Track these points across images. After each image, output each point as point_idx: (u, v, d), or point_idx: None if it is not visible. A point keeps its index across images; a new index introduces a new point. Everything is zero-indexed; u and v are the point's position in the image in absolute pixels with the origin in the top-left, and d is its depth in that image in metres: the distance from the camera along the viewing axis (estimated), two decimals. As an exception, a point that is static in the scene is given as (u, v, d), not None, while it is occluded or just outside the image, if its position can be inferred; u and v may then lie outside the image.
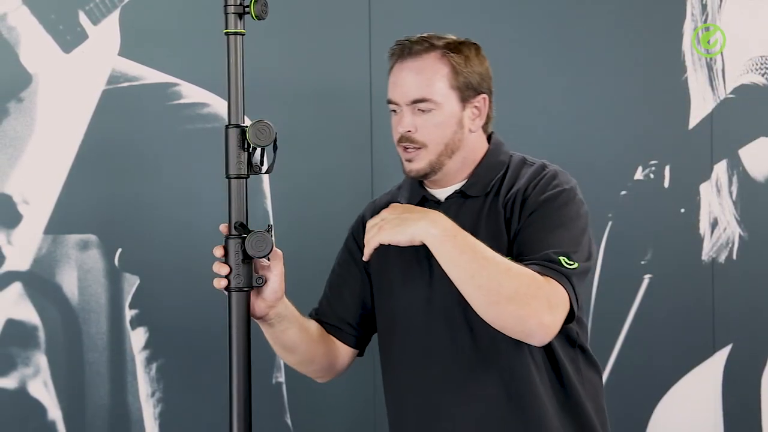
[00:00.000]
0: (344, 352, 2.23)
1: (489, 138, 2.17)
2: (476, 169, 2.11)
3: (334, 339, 2.21)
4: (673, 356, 3.48)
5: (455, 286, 1.94)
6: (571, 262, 1.95)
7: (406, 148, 2.07)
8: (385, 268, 2.16)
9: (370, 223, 1.95)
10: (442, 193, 2.13)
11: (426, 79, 2.05)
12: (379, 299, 2.19)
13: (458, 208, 2.08)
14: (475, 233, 2.00)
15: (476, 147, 2.12)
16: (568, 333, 2.06)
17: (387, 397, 2.21)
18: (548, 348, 2.04)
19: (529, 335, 1.94)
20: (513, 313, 1.89)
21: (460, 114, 2.07)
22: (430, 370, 2.09)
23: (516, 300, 1.88)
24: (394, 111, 2.09)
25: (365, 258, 1.97)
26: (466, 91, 2.07)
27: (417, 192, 2.16)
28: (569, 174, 2.11)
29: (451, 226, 1.90)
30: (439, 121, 2.05)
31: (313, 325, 2.18)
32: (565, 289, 1.93)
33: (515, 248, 2.01)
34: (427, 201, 2.14)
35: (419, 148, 2.06)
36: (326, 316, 2.22)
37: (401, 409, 2.17)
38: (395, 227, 1.90)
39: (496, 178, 2.10)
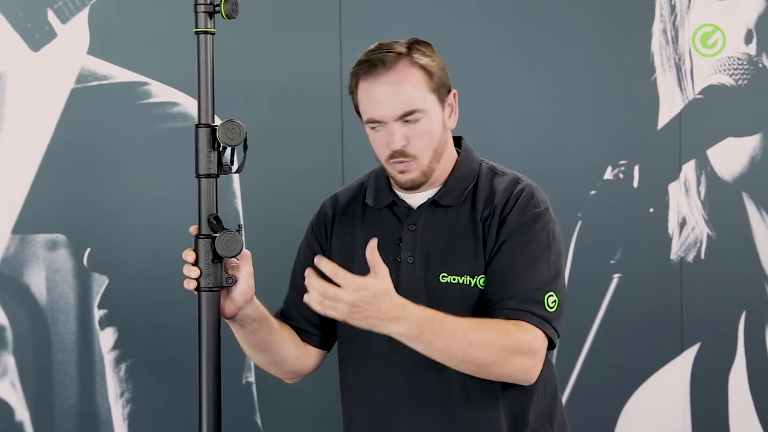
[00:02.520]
0: (312, 352, 2.21)
1: (459, 142, 2.15)
2: (449, 178, 2.09)
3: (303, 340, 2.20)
4: (642, 355, 3.49)
5: (428, 267, 2.03)
6: (554, 302, 2.00)
7: (399, 162, 2.03)
8: (350, 262, 2.12)
9: (329, 296, 1.81)
10: (413, 199, 2.10)
11: (408, 90, 1.99)
12: None
13: (426, 216, 2.07)
14: (449, 245, 2.01)
15: (450, 144, 2.11)
16: None
17: (342, 397, 2.20)
18: None
19: (518, 382, 2.01)
20: (498, 374, 1.96)
21: (441, 115, 2.05)
22: (387, 373, 2.08)
23: (497, 364, 1.93)
24: (374, 128, 2.04)
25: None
26: (441, 91, 2.05)
27: (386, 195, 2.12)
28: (540, 188, 2.12)
29: (416, 322, 1.85)
30: (427, 128, 2.02)
31: (283, 326, 2.16)
32: (545, 332, 1.98)
33: (493, 275, 2.01)
34: (396, 205, 2.11)
35: (412, 159, 2.02)
36: (291, 317, 2.19)
37: (354, 412, 2.16)
38: (357, 322, 1.84)
39: (469, 187, 2.08)
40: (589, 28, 3.41)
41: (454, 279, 2.02)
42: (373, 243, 1.83)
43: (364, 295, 1.80)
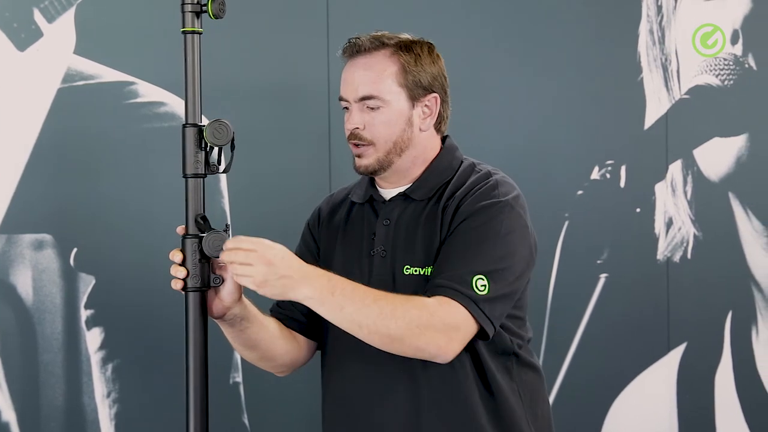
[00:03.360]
0: (304, 344, 2.22)
1: (444, 140, 2.17)
2: (423, 173, 2.11)
3: (295, 333, 2.21)
4: (629, 355, 3.50)
5: (396, 261, 2.03)
6: (483, 286, 1.95)
7: (356, 145, 2.08)
8: (330, 256, 2.18)
9: (246, 259, 1.87)
10: (388, 194, 2.14)
11: (374, 76, 2.05)
12: None
13: (400, 211, 2.10)
14: (413, 237, 2.04)
15: (428, 147, 2.12)
16: (499, 343, 2.06)
17: (323, 389, 2.22)
18: (476, 357, 2.05)
19: (432, 359, 1.97)
20: (409, 346, 1.93)
21: (409, 112, 2.07)
22: (359, 367, 2.09)
23: (408, 336, 1.91)
24: (346, 108, 2.10)
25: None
26: (416, 90, 2.07)
27: (367, 191, 2.17)
28: (514, 184, 2.10)
29: (327, 283, 1.89)
30: (386, 118, 2.06)
31: (273, 323, 2.17)
32: (468, 310, 1.94)
33: (438, 257, 2.02)
34: (374, 200, 2.15)
35: (368, 145, 2.07)
36: (285, 310, 2.21)
37: (331, 403, 2.19)
38: (275, 290, 1.87)
39: (443, 183, 2.10)
40: (575, 29, 3.41)
41: (415, 270, 2.04)
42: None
43: (277, 252, 1.87)
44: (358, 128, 2.07)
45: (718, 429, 3.62)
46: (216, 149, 1.93)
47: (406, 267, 2.05)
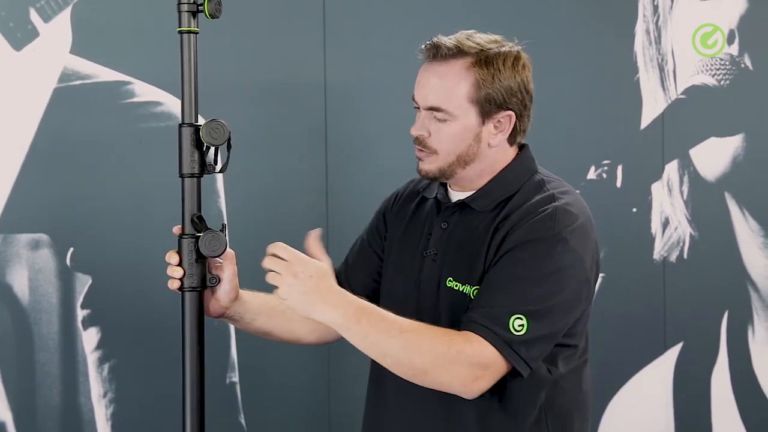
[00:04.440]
0: None
1: (521, 149, 2.09)
2: (488, 183, 2.04)
3: None
4: (625, 354, 3.51)
5: (444, 267, 1.98)
6: (521, 326, 1.87)
7: (419, 149, 2.02)
8: (391, 245, 2.15)
9: (277, 265, 1.85)
10: (454, 196, 2.08)
11: (446, 88, 1.98)
12: (383, 276, 2.17)
13: (459, 217, 2.04)
14: (462, 249, 1.98)
15: (497, 160, 2.04)
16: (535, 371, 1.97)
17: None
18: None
19: (456, 393, 1.91)
20: (433, 381, 1.88)
21: (479, 129, 1.99)
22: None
23: (433, 371, 1.86)
24: (417, 108, 2.04)
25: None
26: (488, 107, 1.98)
27: (438, 189, 2.11)
28: (580, 209, 2.01)
29: (354, 311, 1.85)
30: (453, 132, 1.98)
31: None
32: (501, 352, 1.87)
33: (481, 285, 1.95)
34: (440, 200, 2.09)
35: (431, 153, 2.01)
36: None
37: (369, 398, 2.16)
38: (296, 298, 1.83)
39: (506, 197, 2.02)
40: (572, 29, 3.41)
41: (456, 285, 1.99)
42: (315, 233, 1.88)
43: (308, 268, 1.83)
44: (423, 135, 2.01)
45: (714, 428, 3.62)
46: (212, 149, 1.93)
47: (449, 279, 1.99)
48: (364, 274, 2.20)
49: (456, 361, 1.85)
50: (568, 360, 2.03)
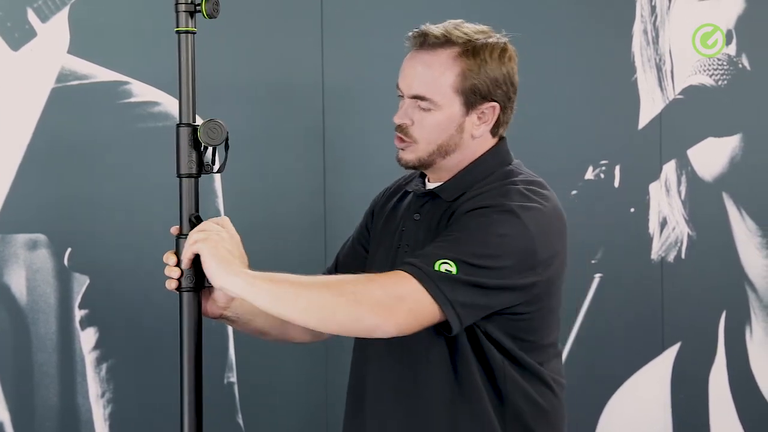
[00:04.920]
0: None
1: (499, 142, 2.08)
2: (459, 173, 2.03)
3: None
4: (623, 354, 3.51)
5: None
6: (447, 270, 1.82)
7: (399, 138, 2.02)
8: (373, 241, 2.16)
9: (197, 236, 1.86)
10: (430, 186, 2.07)
11: (432, 77, 1.97)
12: (366, 271, 2.16)
13: (429, 207, 2.04)
14: (426, 239, 1.97)
15: (477, 150, 2.04)
16: (491, 359, 1.95)
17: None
18: (481, 354, 1.95)
19: (371, 333, 1.86)
20: (346, 318, 1.82)
21: (462, 119, 1.99)
22: (370, 350, 2.07)
23: (343, 307, 1.80)
24: (400, 96, 2.03)
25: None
26: (472, 97, 1.98)
27: (417, 180, 2.11)
28: (542, 201, 1.96)
29: (263, 274, 1.83)
30: (436, 121, 1.98)
31: None
32: (421, 283, 1.81)
33: None
34: (417, 192, 2.08)
35: (411, 142, 2.00)
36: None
37: (350, 385, 2.15)
38: (214, 276, 1.84)
39: (472, 185, 2.00)
40: (569, 29, 3.41)
41: None
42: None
43: (219, 228, 1.85)
44: (406, 123, 2.00)
45: (712, 429, 3.62)
46: (210, 149, 1.92)
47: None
48: (354, 268, 2.20)
49: (367, 295, 1.81)
50: (527, 358, 1.99)
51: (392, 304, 1.81)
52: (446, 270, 1.82)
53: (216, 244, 1.84)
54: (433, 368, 1.96)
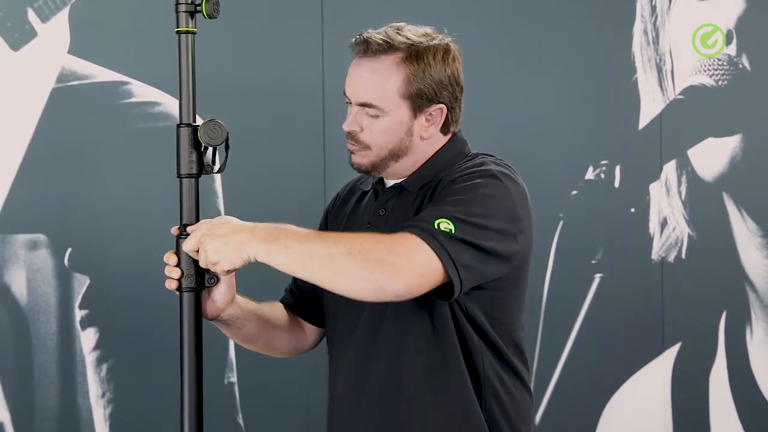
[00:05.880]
0: (311, 331, 2.21)
1: (453, 137, 2.10)
2: (420, 167, 2.04)
3: (300, 320, 2.20)
4: (623, 354, 3.51)
5: None
6: (448, 229, 1.83)
7: (351, 143, 2.04)
8: None
9: (192, 243, 1.88)
10: (389, 183, 2.09)
11: (377, 84, 1.98)
12: None
13: (395, 201, 2.05)
14: (393, 229, 1.96)
15: (429, 151, 2.06)
16: (468, 339, 1.96)
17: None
18: (460, 333, 1.96)
19: (382, 291, 1.83)
20: (354, 275, 1.82)
21: (410, 123, 2.00)
22: (349, 349, 2.06)
23: (352, 264, 1.80)
24: (349, 103, 2.05)
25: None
26: (419, 101, 1.99)
27: (372, 178, 2.12)
28: (514, 176, 1.99)
29: (273, 228, 1.87)
30: (384, 127, 1.99)
31: (276, 314, 2.17)
32: (425, 240, 1.82)
33: None
34: (377, 189, 2.10)
35: (363, 147, 2.02)
36: (293, 296, 2.21)
37: (330, 386, 2.15)
38: (227, 254, 1.85)
39: (438, 172, 2.02)
40: (570, 29, 3.42)
41: None
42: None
43: (211, 222, 1.88)
44: (355, 130, 2.02)
45: (712, 429, 3.62)
46: (210, 149, 1.92)
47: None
48: (310, 286, 2.17)
49: (374, 252, 1.80)
50: (497, 336, 1.99)
51: (399, 262, 1.81)
52: (446, 228, 1.84)
53: (209, 229, 1.86)
54: (415, 341, 1.97)
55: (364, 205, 2.13)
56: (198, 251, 1.88)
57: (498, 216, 1.90)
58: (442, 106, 2.03)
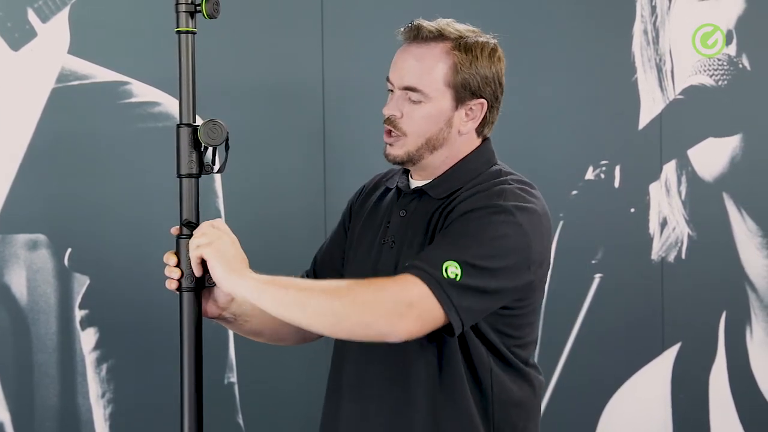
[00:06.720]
0: None
1: (483, 142, 2.10)
2: (446, 172, 2.04)
3: None
4: (623, 354, 3.51)
5: (401, 255, 1.96)
6: (455, 274, 1.84)
7: (389, 132, 2.03)
8: (353, 236, 2.16)
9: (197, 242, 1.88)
10: (414, 184, 2.09)
11: (424, 69, 1.99)
12: (345, 268, 2.17)
13: (416, 204, 2.05)
14: (419, 234, 1.99)
15: (462, 149, 2.06)
16: (474, 354, 1.97)
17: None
18: (465, 348, 1.97)
19: (383, 337, 1.87)
20: (355, 323, 1.84)
21: (451, 113, 2.01)
22: (343, 363, 2.08)
23: (353, 312, 1.83)
24: (390, 90, 2.05)
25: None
26: (463, 92, 2.00)
27: (400, 178, 2.13)
28: (533, 201, 1.98)
29: (267, 277, 1.86)
30: (426, 114, 1.99)
31: None
32: (429, 287, 1.84)
33: None
34: (401, 189, 2.10)
35: (400, 135, 2.01)
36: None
37: (330, 380, 2.15)
38: (223, 280, 1.86)
39: (461, 185, 2.02)
40: (570, 29, 3.42)
41: None
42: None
43: (220, 232, 1.87)
44: (395, 115, 2.02)
45: (712, 429, 3.62)
46: (210, 149, 1.93)
47: (405, 265, 1.97)
48: (330, 269, 2.20)
49: (377, 301, 1.83)
50: (511, 348, 2.01)
51: (402, 311, 1.83)
52: (452, 273, 1.85)
53: (221, 248, 1.86)
54: (419, 358, 1.97)
55: (386, 203, 2.13)
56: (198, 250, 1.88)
57: (508, 255, 1.91)
58: (483, 101, 2.04)
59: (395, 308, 1.83)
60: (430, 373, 1.97)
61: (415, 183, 2.08)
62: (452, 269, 1.85)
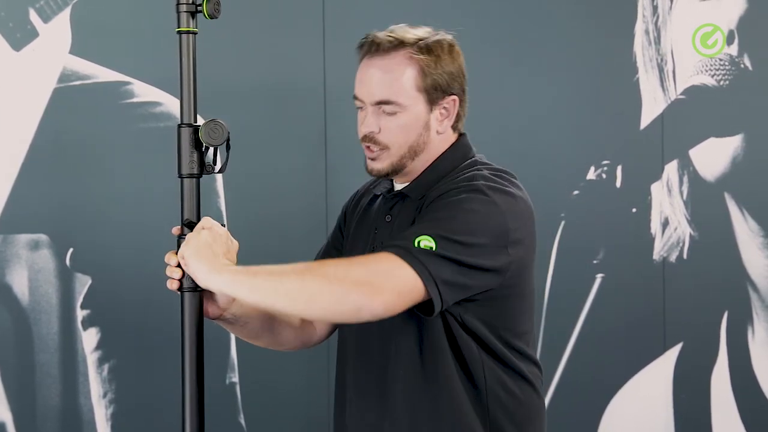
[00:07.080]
0: (318, 323, 2.20)
1: (459, 138, 2.10)
2: (423, 172, 2.04)
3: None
4: (625, 355, 3.51)
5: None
6: (428, 246, 1.83)
7: (369, 148, 2.02)
8: (347, 243, 2.16)
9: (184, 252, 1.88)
10: (396, 189, 2.09)
11: (392, 79, 1.98)
12: None
13: (400, 208, 2.05)
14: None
15: (440, 148, 2.06)
16: (464, 348, 1.96)
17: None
18: (455, 344, 1.96)
19: (358, 313, 1.84)
20: (329, 299, 1.82)
21: (427, 116, 2.01)
22: (349, 348, 2.09)
23: (326, 289, 1.81)
24: (360, 108, 2.05)
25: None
26: (434, 93, 2.01)
27: (387, 184, 2.12)
28: (510, 185, 1.98)
29: (248, 268, 1.84)
30: (403, 123, 1.99)
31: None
32: (404, 259, 1.82)
33: None
34: (387, 194, 2.10)
35: (382, 149, 2.01)
36: None
37: (336, 383, 2.16)
38: (200, 278, 1.85)
39: (438, 180, 2.02)
40: (571, 29, 3.42)
41: None
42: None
43: (199, 228, 1.86)
44: (373, 132, 2.01)
45: (714, 429, 3.62)
46: (211, 149, 1.92)
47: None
48: None
49: (349, 275, 1.81)
50: (503, 341, 1.99)
51: (376, 281, 1.82)
52: (426, 245, 1.84)
53: (196, 244, 1.85)
54: (401, 361, 1.97)
55: (374, 210, 2.13)
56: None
57: (482, 232, 1.90)
58: (455, 97, 2.04)
59: (368, 278, 1.81)
60: (414, 372, 1.97)
61: (398, 187, 2.09)
62: (425, 242, 1.84)
